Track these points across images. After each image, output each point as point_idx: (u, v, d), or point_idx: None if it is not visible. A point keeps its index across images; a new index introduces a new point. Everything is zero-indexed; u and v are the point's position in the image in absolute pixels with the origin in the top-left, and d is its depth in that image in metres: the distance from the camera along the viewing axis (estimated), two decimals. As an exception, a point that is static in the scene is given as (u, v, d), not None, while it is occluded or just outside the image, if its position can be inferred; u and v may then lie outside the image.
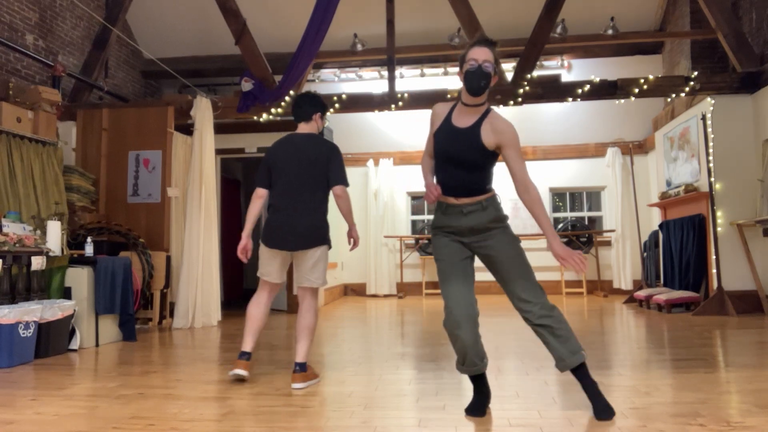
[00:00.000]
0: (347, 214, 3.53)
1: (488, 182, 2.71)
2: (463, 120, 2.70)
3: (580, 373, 2.62)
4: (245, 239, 3.45)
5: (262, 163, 3.56)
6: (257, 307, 3.49)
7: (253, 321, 3.47)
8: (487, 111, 2.70)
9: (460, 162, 2.65)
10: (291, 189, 3.41)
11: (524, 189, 2.63)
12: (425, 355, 4.20)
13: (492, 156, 2.67)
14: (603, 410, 2.56)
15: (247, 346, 3.43)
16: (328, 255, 3.52)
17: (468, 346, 2.61)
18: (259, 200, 3.47)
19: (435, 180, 2.79)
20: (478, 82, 2.59)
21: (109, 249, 5.75)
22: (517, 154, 2.63)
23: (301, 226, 3.36)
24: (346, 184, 3.49)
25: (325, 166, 3.44)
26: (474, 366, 2.67)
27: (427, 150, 2.90)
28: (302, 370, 3.32)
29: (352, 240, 3.61)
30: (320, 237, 3.41)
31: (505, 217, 2.72)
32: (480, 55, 2.61)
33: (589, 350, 4.26)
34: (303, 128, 3.58)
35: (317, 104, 3.60)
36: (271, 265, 3.47)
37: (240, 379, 3.44)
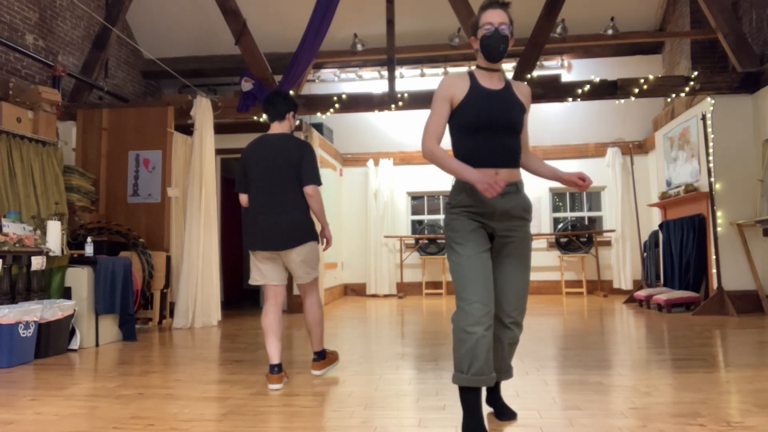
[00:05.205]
0: (319, 213, 3.50)
1: (520, 154, 2.57)
2: (493, 83, 2.51)
3: (497, 386, 2.70)
4: None
5: (238, 166, 3.54)
6: (266, 317, 3.44)
7: (268, 330, 3.41)
8: (504, 75, 2.62)
9: (504, 124, 2.45)
10: (269, 191, 3.40)
11: (526, 155, 2.67)
12: (425, 355, 4.20)
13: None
14: (504, 412, 2.63)
15: (273, 358, 3.35)
16: (317, 249, 3.51)
17: (483, 347, 2.30)
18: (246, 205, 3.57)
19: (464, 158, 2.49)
20: (497, 47, 2.44)
21: (109, 249, 5.76)
22: (526, 121, 2.63)
23: (284, 226, 3.35)
24: (317, 183, 3.46)
25: (298, 165, 3.42)
26: (482, 375, 2.32)
27: (436, 132, 2.46)
28: (321, 358, 3.50)
29: (325, 240, 3.59)
30: (304, 234, 3.40)
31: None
32: (495, 17, 2.44)
33: (589, 350, 4.27)
34: (276, 128, 3.55)
35: (290, 103, 3.57)
36: (263, 266, 3.45)
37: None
